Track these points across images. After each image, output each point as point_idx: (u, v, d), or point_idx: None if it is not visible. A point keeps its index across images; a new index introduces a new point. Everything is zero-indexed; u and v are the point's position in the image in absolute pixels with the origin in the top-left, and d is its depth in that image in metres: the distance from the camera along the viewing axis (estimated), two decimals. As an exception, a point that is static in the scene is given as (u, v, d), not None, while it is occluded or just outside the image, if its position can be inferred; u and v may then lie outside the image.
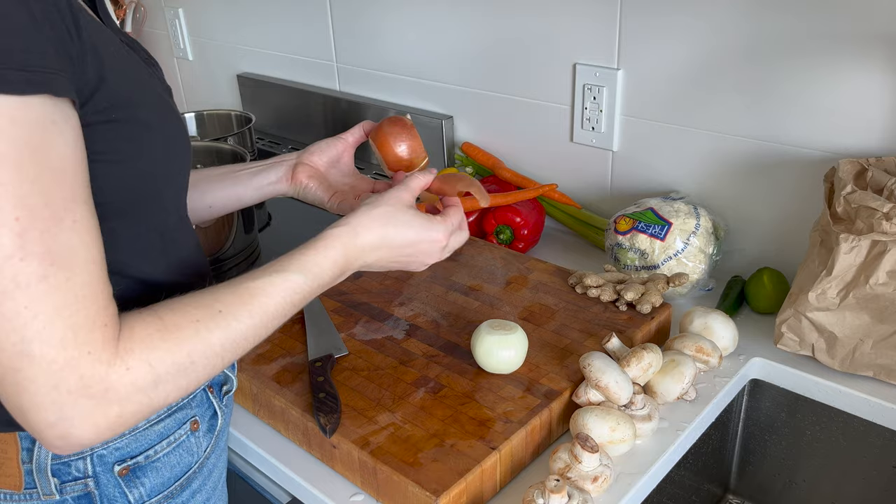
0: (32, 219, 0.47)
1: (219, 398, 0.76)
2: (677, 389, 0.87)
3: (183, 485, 0.71)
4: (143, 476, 0.67)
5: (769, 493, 1.08)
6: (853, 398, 0.92)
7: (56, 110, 0.49)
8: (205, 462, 0.73)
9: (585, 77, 1.23)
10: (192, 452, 0.71)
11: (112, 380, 0.51)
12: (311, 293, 0.67)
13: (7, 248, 0.46)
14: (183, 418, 0.70)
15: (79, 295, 0.50)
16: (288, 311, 0.64)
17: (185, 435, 0.70)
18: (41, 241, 0.48)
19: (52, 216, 0.48)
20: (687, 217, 1.08)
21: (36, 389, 0.49)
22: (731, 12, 1.04)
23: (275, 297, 0.63)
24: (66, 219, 0.49)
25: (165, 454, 0.69)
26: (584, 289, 1.03)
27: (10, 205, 0.46)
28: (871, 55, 0.95)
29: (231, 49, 1.90)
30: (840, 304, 0.90)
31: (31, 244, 0.47)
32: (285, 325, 0.99)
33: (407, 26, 1.46)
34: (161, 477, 0.69)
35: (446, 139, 1.47)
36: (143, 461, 0.67)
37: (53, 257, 0.48)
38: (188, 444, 0.71)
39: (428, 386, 0.87)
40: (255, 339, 0.62)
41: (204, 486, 0.74)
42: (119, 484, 0.66)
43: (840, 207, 0.91)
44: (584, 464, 0.75)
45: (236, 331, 0.59)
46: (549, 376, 0.87)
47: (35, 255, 0.47)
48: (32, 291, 0.48)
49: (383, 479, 0.76)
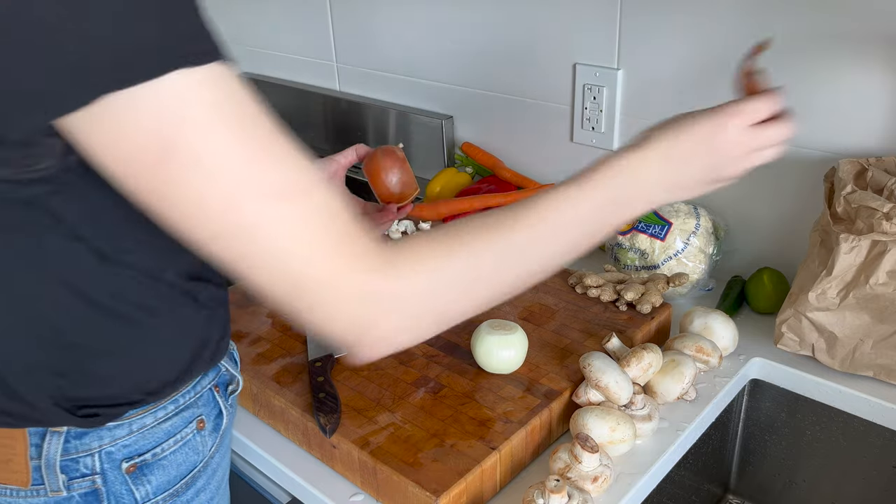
0: (261, 154, 0.49)
1: (224, 398, 0.76)
2: (677, 389, 0.87)
3: (188, 483, 0.71)
4: (150, 474, 0.67)
5: (769, 493, 1.08)
6: (853, 398, 0.92)
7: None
8: (209, 461, 0.73)
9: (585, 77, 1.23)
10: (197, 451, 0.71)
11: (392, 287, 0.53)
12: (591, 206, 0.64)
13: (247, 182, 0.48)
14: (190, 417, 0.70)
15: (327, 211, 0.51)
16: (570, 226, 0.62)
17: (191, 433, 0.70)
18: (275, 172, 0.50)
19: (274, 150, 0.50)
20: (687, 217, 1.08)
21: (324, 308, 0.52)
22: (732, 12, 1.04)
23: (550, 207, 0.61)
24: (284, 149, 0.51)
25: (172, 452, 0.69)
26: (584, 289, 1.03)
27: (239, 147, 0.48)
28: (871, 55, 0.95)
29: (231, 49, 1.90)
30: (840, 304, 0.90)
31: (267, 175, 0.49)
32: (285, 324, 0.99)
33: (407, 26, 1.46)
34: (167, 475, 0.69)
35: (446, 139, 1.47)
36: (151, 459, 0.67)
37: (290, 184, 0.50)
38: (194, 442, 0.71)
39: (428, 386, 0.87)
40: (539, 259, 0.61)
41: (208, 485, 0.74)
42: (126, 481, 0.66)
43: (840, 207, 0.91)
44: (584, 464, 0.75)
45: (513, 242, 0.59)
46: (549, 376, 0.87)
47: (274, 184, 0.49)
48: (285, 215, 0.50)
49: (383, 479, 0.76)
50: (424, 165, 1.51)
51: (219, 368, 0.75)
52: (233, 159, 0.48)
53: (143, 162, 0.47)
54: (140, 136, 0.46)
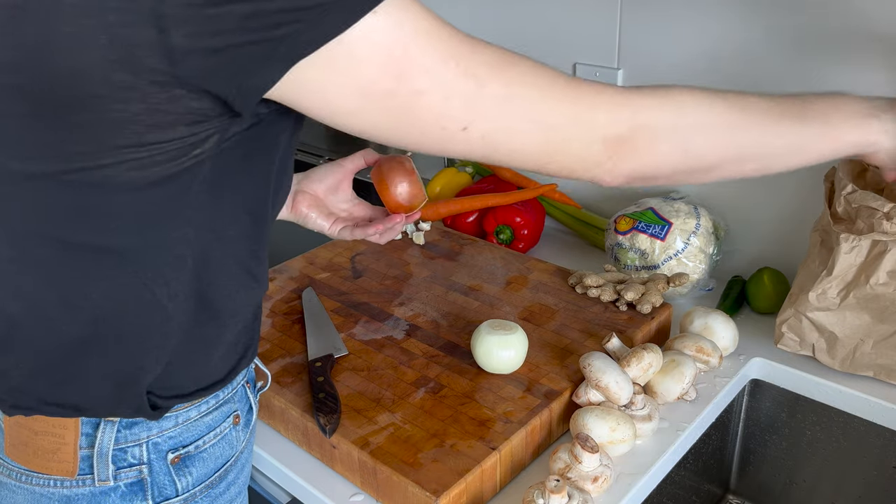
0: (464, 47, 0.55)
1: (254, 394, 0.77)
2: (677, 389, 0.87)
3: (221, 476, 0.72)
4: (192, 465, 0.68)
5: (769, 493, 1.08)
6: (853, 398, 0.92)
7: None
8: (240, 456, 0.74)
9: (585, 77, 1.22)
10: (232, 445, 0.72)
11: (635, 118, 0.60)
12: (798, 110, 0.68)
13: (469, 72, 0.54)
14: (228, 411, 0.71)
15: (539, 71, 0.57)
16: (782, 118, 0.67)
17: (228, 428, 0.71)
18: (483, 54, 0.56)
19: (472, 42, 0.56)
20: (687, 217, 1.08)
21: (576, 149, 0.60)
22: (732, 12, 1.04)
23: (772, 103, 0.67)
24: (474, 40, 0.56)
25: (212, 445, 0.70)
26: (585, 289, 1.03)
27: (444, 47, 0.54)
28: (871, 55, 0.95)
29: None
30: (840, 304, 0.90)
31: (477, 55, 0.55)
32: (285, 325, 0.99)
33: (407, 26, 1.45)
34: (206, 467, 0.70)
35: (446, 139, 1.46)
36: (193, 451, 0.68)
37: (499, 56, 0.56)
38: (230, 437, 0.72)
39: (428, 386, 0.86)
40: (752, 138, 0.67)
41: (238, 479, 0.75)
42: (170, 472, 0.67)
43: (840, 207, 0.91)
44: (584, 464, 0.75)
45: (729, 103, 0.65)
46: (549, 376, 0.87)
47: (487, 55, 0.55)
48: (513, 78, 0.56)
49: (383, 479, 0.76)
50: (424, 165, 1.51)
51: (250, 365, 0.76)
52: (450, 68, 0.53)
53: (376, 93, 0.51)
54: (373, 68, 0.50)
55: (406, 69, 0.51)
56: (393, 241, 1.21)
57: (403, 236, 1.22)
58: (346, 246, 1.20)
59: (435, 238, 1.21)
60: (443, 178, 1.40)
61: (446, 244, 1.19)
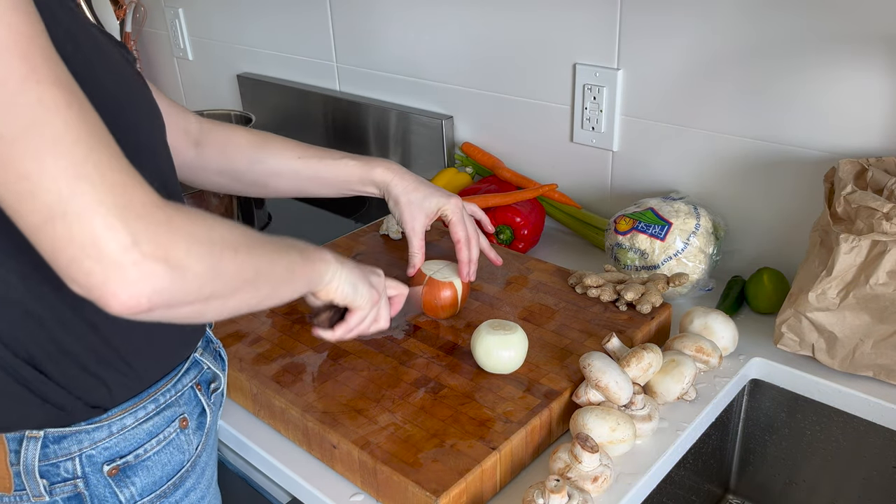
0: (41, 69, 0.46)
1: (206, 395, 0.76)
2: (677, 389, 0.87)
3: (176, 483, 0.71)
4: (134, 475, 0.67)
5: (769, 493, 1.08)
6: (853, 398, 0.92)
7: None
8: (197, 460, 0.73)
9: (585, 77, 1.23)
10: (183, 451, 0.71)
11: (168, 221, 0.49)
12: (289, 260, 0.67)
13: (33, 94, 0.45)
14: (171, 416, 0.70)
15: (102, 134, 0.48)
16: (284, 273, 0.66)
17: (174, 433, 0.70)
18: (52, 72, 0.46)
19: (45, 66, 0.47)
20: (687, 217, 1.08)
21: (104, 210, 0.47)
22: (732, 12, 1.04)
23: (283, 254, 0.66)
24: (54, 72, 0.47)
25: (156, 452, 0.69)
26: (584, 289, 1.03)
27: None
28: (871, 55, 0.95)
29: (231, 49, 1.90)
30: (840, 304, 0.90)
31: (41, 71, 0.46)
32: (285, 324, 0.99)
33: (407, 26, 1.46)
34: (153, 476, 0.69)
35: (446, 139, 1.47)
36: (133, 460, 0.67)
37: (67, 87, 0.47)
38: (178, 441, 0.71)
39: (428, 386, 0.87)
40: (269, 281, 0.62)
41: (198, 485, 0.74)
42: (109, 484, 0.66)
43: (840, 207, 0.91)
44: (584, 464, 0.75)
45: (260, 257, 0.60)
46: (549, 376, 0.87)
47: (50, 83, 0.46)
48: (64, 115, 0.46)
49: (383, 479, 0.76)
50: (424, 166, 1.51)
51: (200, 366, 0.75)
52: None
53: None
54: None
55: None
56: (393, 241, 1.21)
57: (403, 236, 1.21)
58: (347, 246, 1.20)
59: (435, 238, 1.21)
60: (443, 178, 1.40)
61: (446, 244, 1.19)
